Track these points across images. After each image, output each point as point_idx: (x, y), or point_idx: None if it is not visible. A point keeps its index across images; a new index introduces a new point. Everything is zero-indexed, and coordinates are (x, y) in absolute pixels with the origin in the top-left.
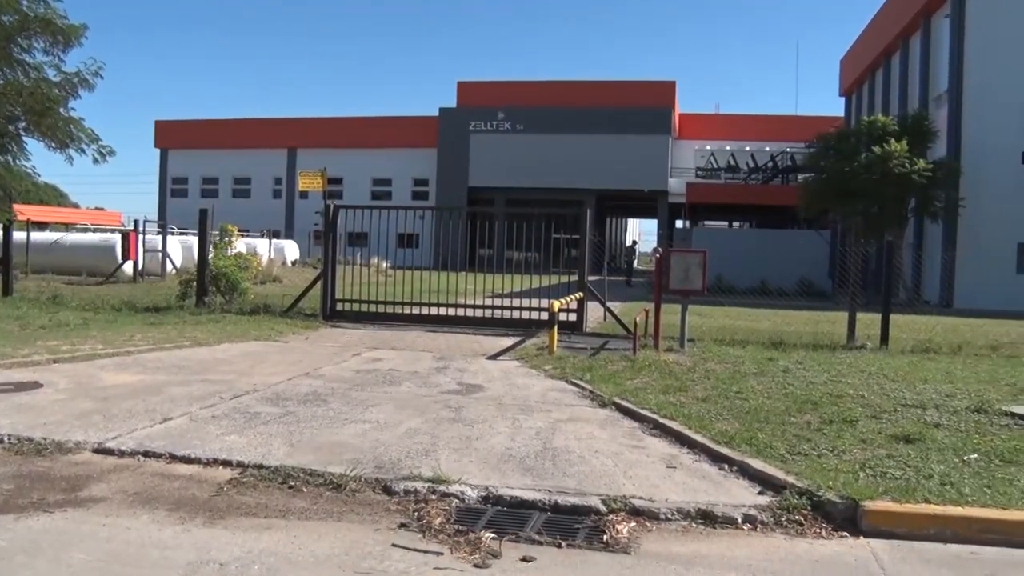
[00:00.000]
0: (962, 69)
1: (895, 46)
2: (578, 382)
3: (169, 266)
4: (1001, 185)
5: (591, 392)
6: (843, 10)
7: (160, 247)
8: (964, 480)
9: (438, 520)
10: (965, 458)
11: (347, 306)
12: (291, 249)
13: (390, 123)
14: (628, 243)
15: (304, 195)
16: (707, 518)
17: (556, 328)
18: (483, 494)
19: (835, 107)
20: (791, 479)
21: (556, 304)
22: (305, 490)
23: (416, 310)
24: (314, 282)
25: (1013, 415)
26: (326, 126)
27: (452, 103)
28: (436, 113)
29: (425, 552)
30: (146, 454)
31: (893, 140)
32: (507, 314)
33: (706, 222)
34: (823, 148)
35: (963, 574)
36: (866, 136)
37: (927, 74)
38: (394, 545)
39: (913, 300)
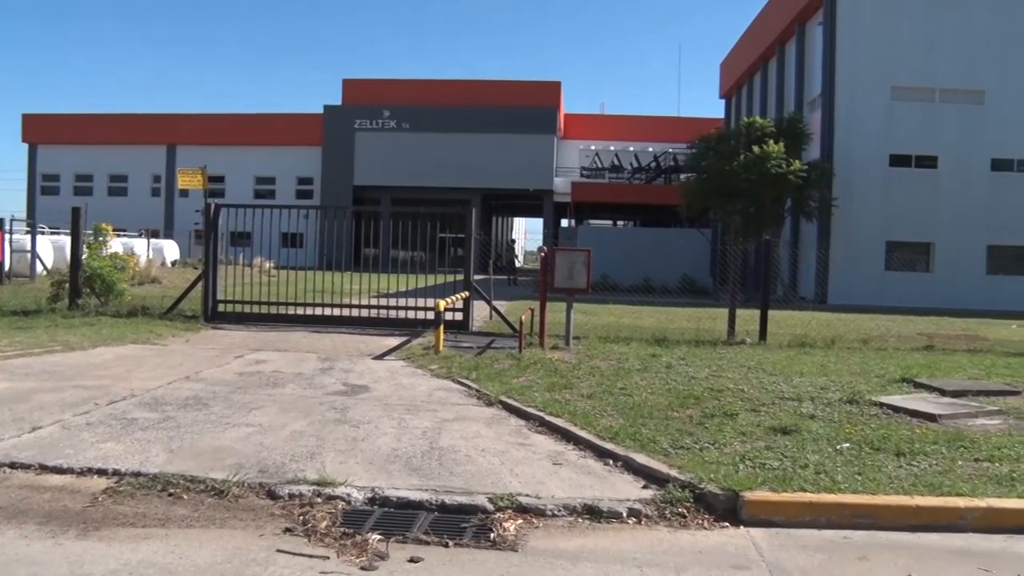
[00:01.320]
0: (834, 75)
1: (772, 51)
2: (464, 381)
3: (39, 267)
4: (870, 186)
5: (477, 391)
6: (724, 15)
7: (29, 247)
8: (837, 468)
9: (324, 523)
10: (838, 447)
11: (229, 307)
12: (171, 249)
13: (274, 120)
14: (508, 242)
15: (184, 193)
16: (593, 513)
17: (442, 327)
18: (369, 495)
19: (716, 109)
20: (674, 472)
21: (442, 303)
22: (186, 497)
23: (301, 311)
24: (194, 283)
25: (882, 405)
26: (207, 122)
27: (338, 101)
28: (321, 111)
29: (311, 556)
30: (12, 465)
31: (771, 141)
32: (393, 314)
33: (591, 221)
34: (704, 149)
35: (836, 557)
36: (745, 137)
37: (802, 79)
38: (279, 551)
39: (790, 296)
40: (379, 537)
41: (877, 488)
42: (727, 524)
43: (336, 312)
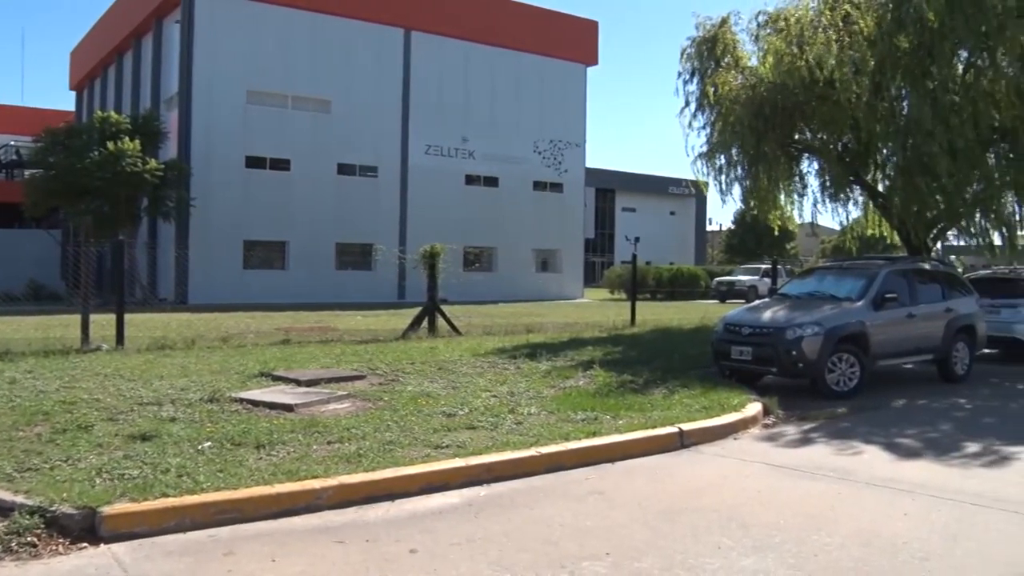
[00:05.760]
0: (191, 75)
1: (128, 45)
2: None
3: None
4: (228, 186)
5: None
6: (75, 0)
7: None
8: (199, 468)
9: None
10: (200, 447)
11: None
12: None
13: None
14: None
15: None
16: None
17: None
18: None
19: (67, 101)
20: (20, 499)
21: None
22: None
23: None
24: None
25: (242, 401)
26: None
27: None
28: None
29: None
30: None
31: (126, 139)
32: None
33: None
34: (52, 143)
35: (203, 557)
36: (98, 133)
37: (159, 76)
38: None
39: (149, 298)
40: None
41: (239, 482)
42: (86, 544)
43: None
